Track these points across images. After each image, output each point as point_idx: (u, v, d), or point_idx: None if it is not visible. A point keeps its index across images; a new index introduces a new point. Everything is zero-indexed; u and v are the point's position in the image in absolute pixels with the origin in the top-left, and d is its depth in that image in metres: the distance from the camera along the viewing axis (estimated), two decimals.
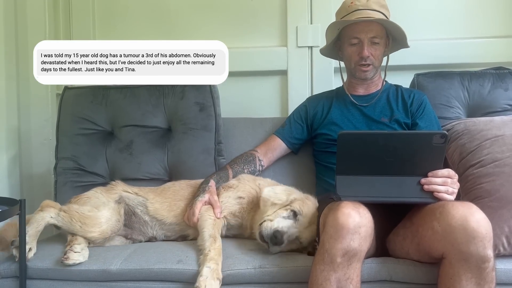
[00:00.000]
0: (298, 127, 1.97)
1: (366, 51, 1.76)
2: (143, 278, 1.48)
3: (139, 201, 1.77)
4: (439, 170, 1.33)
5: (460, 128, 1.75)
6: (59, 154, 2.04)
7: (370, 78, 1.85)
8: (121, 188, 1.80)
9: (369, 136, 1.38)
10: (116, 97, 2.08)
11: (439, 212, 1.28)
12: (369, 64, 1.80)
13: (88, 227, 1.60)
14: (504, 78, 2.01)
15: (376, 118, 1.85)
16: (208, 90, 2.04)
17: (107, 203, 1.70)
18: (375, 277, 1.41)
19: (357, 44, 1.79)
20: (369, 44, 1.77)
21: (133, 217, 1.75)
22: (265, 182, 1.79)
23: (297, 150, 2.01)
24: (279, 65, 2.39)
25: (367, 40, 1.76)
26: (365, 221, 1.26)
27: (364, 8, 1.75)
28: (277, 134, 1.98)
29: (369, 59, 1.79)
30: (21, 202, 1.42)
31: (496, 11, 2.29)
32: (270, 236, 1.47)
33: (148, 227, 1.75)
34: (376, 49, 1.79)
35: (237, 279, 1.45)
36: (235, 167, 1.87)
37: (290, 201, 1.58)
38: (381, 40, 1.79)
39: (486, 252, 1.21)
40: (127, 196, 1.77)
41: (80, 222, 1.59)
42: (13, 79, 2.23)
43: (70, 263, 1.48)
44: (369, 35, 1.76)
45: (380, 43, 1.79)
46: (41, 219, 1.58)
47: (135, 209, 1.75)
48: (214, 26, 2.44)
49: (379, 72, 1.90)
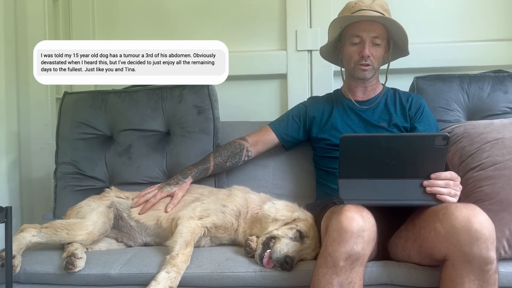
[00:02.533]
0: (294, 125, 1.95)
1: (367, 50, 1.75)
2: (143, 282, 1.47)
3: (128, 205, 1.77)
4: (441, 172, 1.33)
5: (460, 131, 1.75)
6: (58, 158, 2.04)
7: (368, 79, 1.84)
8: (114, 194, 1.81)
9: (371, 139, 1.38)
10: (115, 102, 2.08)
11: (442, 214, 1.28)
12: (369, 65, 1.79)
13: (75, 231, 1.60)
14: (503, 81, 2.01)
15: (375, 123, 1.84)
16: (206, 93, 2.04)
17: (96, 208, 1.71)
18: (376, 281, 1.41)
19: (359, 44, 1.77)
20: (371, 44, 1.76)
21: (120, 221, 1.75)
22: (256, 196, 1.75)
23: (289, 148, 2.00)
24: (279, 69, 2.40)
25: (369, 39, 1.75)
26: (368, 225, 1.25)
27: (367, 9, 1.75)
28: (272, 128, 1.95)
29: (370, 60, 1.77)
30: (7, 209, 1.39)
31: (495, 14, 2.29)
32: (281, 262, 1.42)
33: (136, 232, 1.74)
34: (377, 50, 1.78)
35: (238, 282, 1.44)
36: (218, 159, 1.88)
37: (293, 219, 1.56)
38: (383, 42, 1.78)
39: (489, 254, 1.21)
40: (118, 201, 1.78)
41: (67, 229, 1.60)
42: (13, 84, 2.23)
43: (76, 271, 1.48)
44: (371, 34, 1.75)
45: (381, 45, 1.78)
46: (22, 239, 1.57)
47: (123, 213, 1.75)
48: (213, 29, 2.45)
49: (377, 76, 1.90)
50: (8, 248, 1.42)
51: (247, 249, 1.53)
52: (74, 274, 1.49)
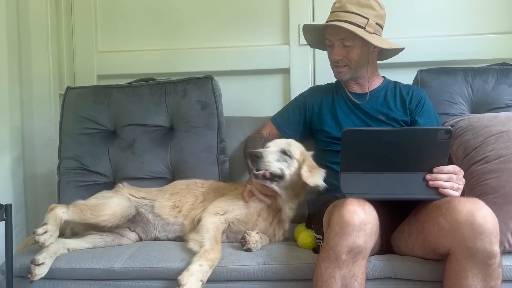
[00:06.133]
0: (295, 117, 1.96)
1: (335, 54, 1.78)
2: (146, 276, 1.49)
3: (145, 203, 1.77)
4: (444, 166, 1.32)
5: (464, 124, 1.74)
6: (62, 154, 2.04)
7: (347, 79, 1.85)
8: (127, 191, 1.80)
9: (373, 132, 1.37)
10: (118, 97, 2.08)
11: (445, 208, 1.27)
12: (344, 65, 1.79)
13: (98, 211, 1.62)
14: (508, 74, 2.00)
15: (374, 115, 1.84)
16: (210, 88, 2.03)
17: (114, 195, 1.74)
18: (379, 275, 1.41)
19: (331, 46, 1.81)
20: (341, 46, 1.77)
21: (137, 216, 1.75)
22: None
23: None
24: (281, 63, 2.39)
25: (337, 42, 1.76)
26: (370, 218, 1.25)
27: (339, 10, 1.75)
28: (274, 123, 1.99)
29: (342, 61, 1.79)
30: (7, 207, 1.40)
31: (500, 7, 2.28)
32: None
33: (151, 227, 1.75)
34: (349, 51, 1.77)
35: (241, 276, 1.45)
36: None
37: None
38: (354, 42, 1.75)
39: (492, 248, 1.21)
40: (132, 199, 1.77)
41: (91, 210, 1.63)
42: (16, 80, 2.23)
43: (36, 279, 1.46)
44: (337, 37, 1.76)
45: (353, 45, 1.75)
46: (55, 215, 1.58)
47: (139, 209, 1.75)
48: (216, 25, 2.45)
49: (369, 71, 1.86)
50: (8, 246, 1.43)
51: (242, 241, 1.54)
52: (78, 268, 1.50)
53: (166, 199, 1.77)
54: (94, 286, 1.51)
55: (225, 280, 1.46)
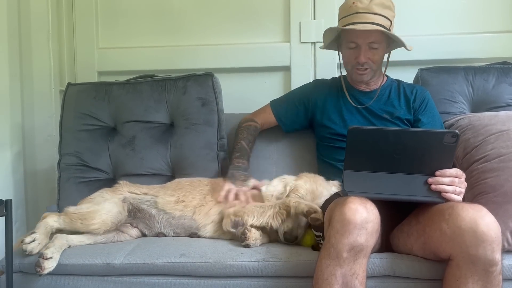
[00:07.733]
0: (294, 109, 1.96)
1: (363, 57, 1.72)
2: (146, 272, 1.49)
3: (146, 199, 1.77)
4: (447, 170, 1.31)
5: (465, 123, 1.75)
6: (62, 150, 2.04)
7: (367, 80, 1.83)
8: (126, 189, 1.80)
9: (379, 132, 1.36)
10: (119, 93, 2.08)
11: (448, 214, 1.26)
12: (367, 68, 1.77)
13: (88, 221, 1.62)
14: (508, 73, 1.99)
15: (379, 114, 1.84)
16: (210, 85, 2.03)
17: (110, 198, 1.72)
18: (378, 272, 1.41)
19: (355, 48, 1.74)
20: (367, 49, 1.72)
21: (138, 213, 1.75)
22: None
23: (288, 131, 2.01)
24: (282, 61, 2.39)
25: (365, 45, 1.72)
26: (372, 216, 1.25)
27: (364, 11, 1.67)
28: (272, 109, 1.99)
29: (367, 64, 1.75)
30: (7, 202, 1.40)
31: (501, 6, 2.27)
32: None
33: (155, 222, 1.74)
34: (375, 53, 1.74)
35: (240, 272, 1.45)
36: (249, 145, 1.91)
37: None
38: (380, 44, 1.73)
39: (494, 256, 1.20)
40: (132, 196, 1.77)
41: (80, 220, 1.62)
42: (17, 76, 2.23)
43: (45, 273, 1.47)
44: (367, 40, 1.70)
45: (379, 47, 1.73)
46: (46, 224, 1.61)
47: (140, 206, 1.75)
48: (217, 22, 2.44)
49: (380, 70, 1.87)
50: (8, 242, 1.43)
51: (242, 236, 1.54)
52: (78, 264, 1.50)
53: (169, 195, 1.76)
54: (94, 281, 1.51)
55: (224, 276, 1.46)
